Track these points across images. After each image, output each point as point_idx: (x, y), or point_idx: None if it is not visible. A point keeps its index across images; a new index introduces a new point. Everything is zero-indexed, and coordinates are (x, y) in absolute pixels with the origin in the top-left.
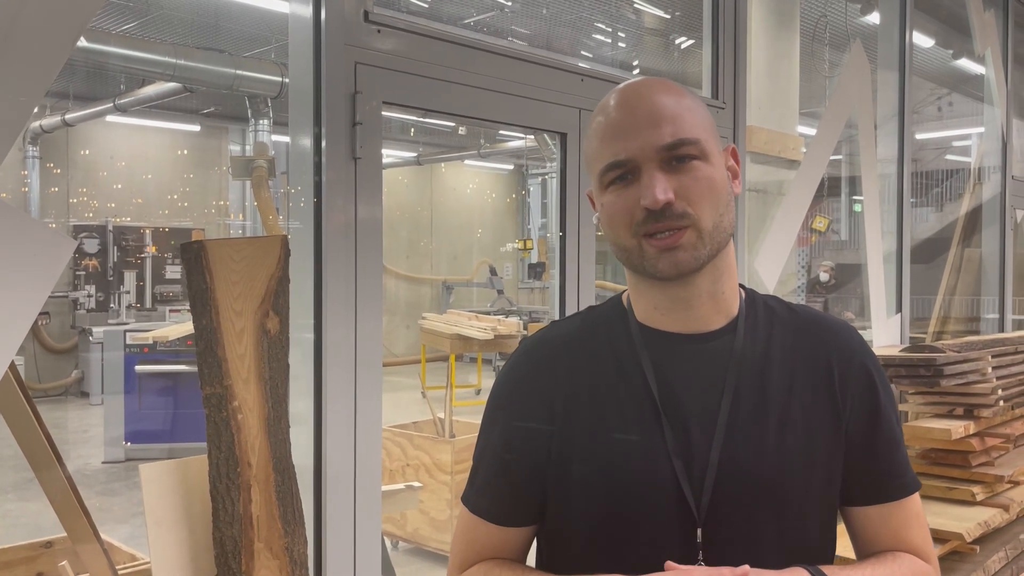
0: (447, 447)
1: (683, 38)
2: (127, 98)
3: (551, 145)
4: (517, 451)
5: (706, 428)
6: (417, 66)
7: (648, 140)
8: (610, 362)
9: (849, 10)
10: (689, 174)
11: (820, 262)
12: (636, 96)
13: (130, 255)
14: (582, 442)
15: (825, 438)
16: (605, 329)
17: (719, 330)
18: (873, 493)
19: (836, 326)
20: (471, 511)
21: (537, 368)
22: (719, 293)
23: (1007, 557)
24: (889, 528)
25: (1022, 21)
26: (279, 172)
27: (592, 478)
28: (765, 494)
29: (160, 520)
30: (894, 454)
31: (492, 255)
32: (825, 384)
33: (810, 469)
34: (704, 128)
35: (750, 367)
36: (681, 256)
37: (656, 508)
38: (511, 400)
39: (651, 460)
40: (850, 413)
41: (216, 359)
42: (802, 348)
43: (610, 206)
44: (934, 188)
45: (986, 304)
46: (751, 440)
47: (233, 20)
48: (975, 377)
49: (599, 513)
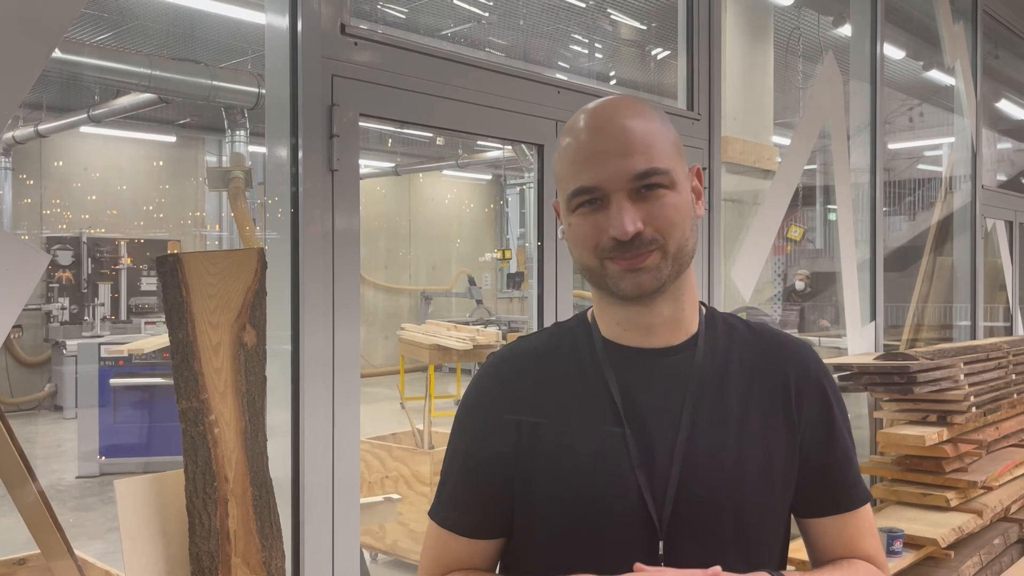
0: (426, 458)
1: (659, 49)
2: (101, 109)
3: (529, 155)
4: (484, 464)
5: (668, 440)
6: (394, 78)
7: (618, 169)
8: (575, 376)
9: (821, 23)
10: (657, 202)
11: (796, 271)
12: (607, 120)
13: (105, 267)
14: (548, 455)
15: (781, 452)
16: (571, 344)
17: (680, 345)
18: (829, 505)
19: (793, 345)
20: (439, 524)
21: (504, 382)
22: (680, 312)
23: (981, 562)
24: (843, 538)
25: (991, 33)
26: (256, 183)
27: (558, 490)
28: (723, 505)
29: (135, 535)
30: (847, 468)
31: (471, 265)
32: (782, 400)
33: (766, 481)
34: (672, 156)
35: (710, 381)
36: (644, 278)
37: (620, 519)
38: (478, 414)
39: (616, 472)
40: (805, 428)
41: (192, 373)
42: (760, 365)
43: (577, 228)
44: (906, 197)
45: (958, 312)
46: (710, 452)
47: (209, 31)
48: (948, 384)
49: (565, 524)
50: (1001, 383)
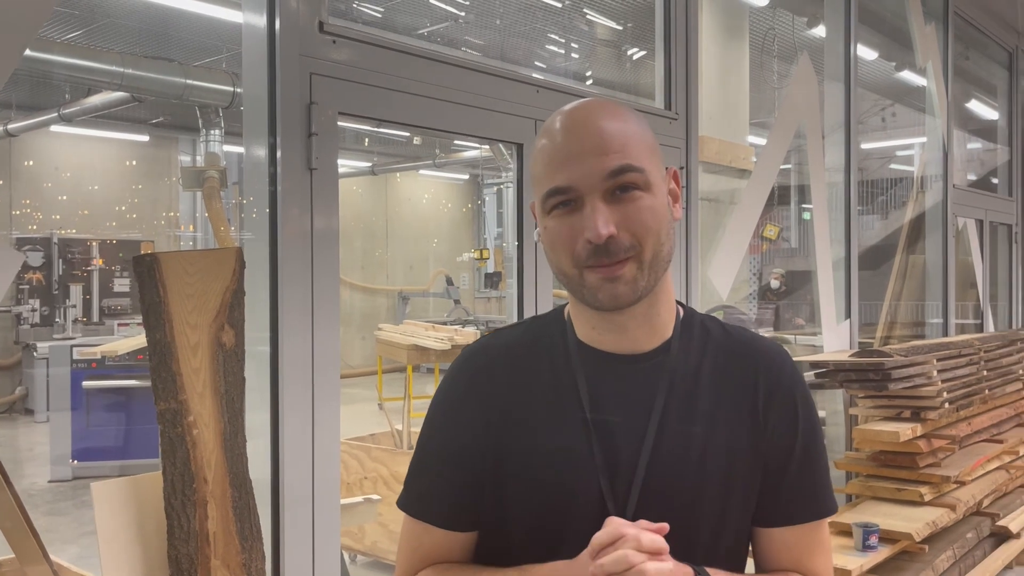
0: (405, 459)
1: (635, 49)
2: (72, 108)
3: (506, 155)
4: (456, 456)
5: (633, 446)
6: (373, 76)
7: (592, 168)
8: (547, 375)
9: (796, 23)
10: (632, 204)
11: (771, 270)
12: (582, 121)
13: (76, 268)
14: (515, 453)
15: (745, 457)
16: (546, 342)
17: (653, 351)
18: (780, 515)
19: (769, 351)
20: (413, 516)
21: (477, 375)
22: (655, 316)
23: (955, 556)
24: (791, 552)
25: (962, 34)
26: (231, 183)
27: (523, 488)
28: (684, 513)
29: (112, 539)
30: (807, 478)
31: (448, 265)
32: (749, 407)
33: (728, 491)
34: (648, 156)
35: (679, 388)
36: (621, 289)
37: (581, 522)
38: (451, 406)
39: (578, 476)
40: (771, 435)
41: (170, 373)
42: (732, 371)
43: (552, 231)
44: (879, 196)
45: (930, 309)
46: (674, 460)
47: (182, 29)
48: (921, 380)
49: (530, 522)
50: (973, 379)
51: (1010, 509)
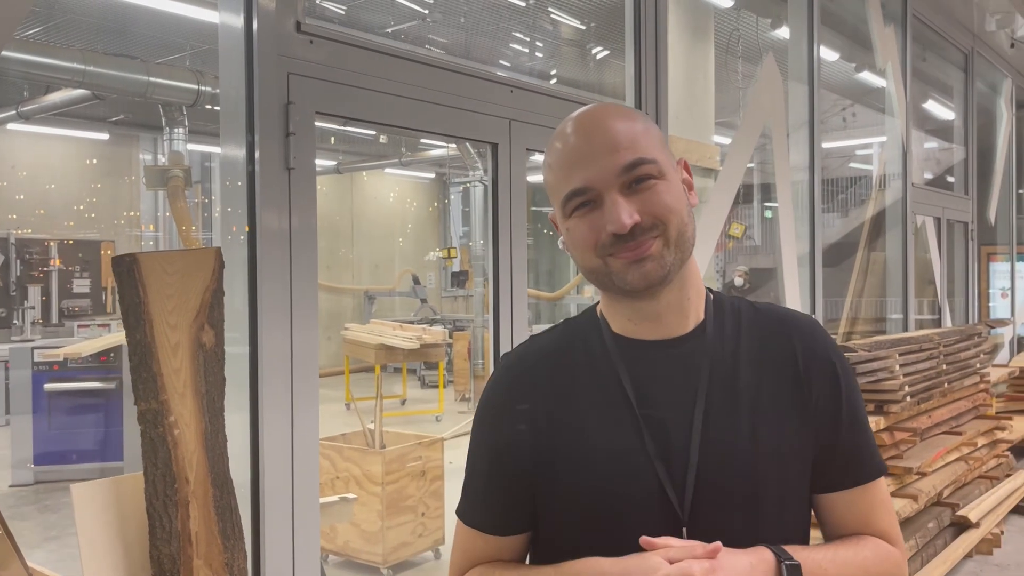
0: (377, 458)
1: (599, 48)
2: (31, 105)
3: (473, 154)
4: (505, 465)
5: (683, 429)
6: (350, 76)
7: (606, 166)
8: (588, 372)
9: (760, 25)
10: (650, 192)
11: (735, 267)
12: (591, 123)
13: (34, 269)
14: (566, 452)
15: (795, 430)
16: (582, 341)
17: (689, 334)
18: (838, 480)
19: (801, 322)
20: (466, 524)
21: (519, 382)
22: (685, 300)
23: (917, 545)
24: (855, 513)
25: (919, 36)
26: (193, 182)
27: (578, 485)
28: (742, 488)
29: (94, 541)
30: (858, 442)
31: (415, 264)
32: (792, 378)
33: (782, 460)
34: (659, 148)
35: (720, 368)
36: (649, 267)
37: (642, 510)
38: (496, 414)
39: (634, 465)
40: (816, 404)
41: (151, 374)
42: (769, 345)
43: (575, 231)
44: (839, 195)
45: (890, 305)
46: (726, 437)
47: (143, 26)
48: (884, 375)
49: (587, 518)
50: (933, 373)
51: (969, 499)
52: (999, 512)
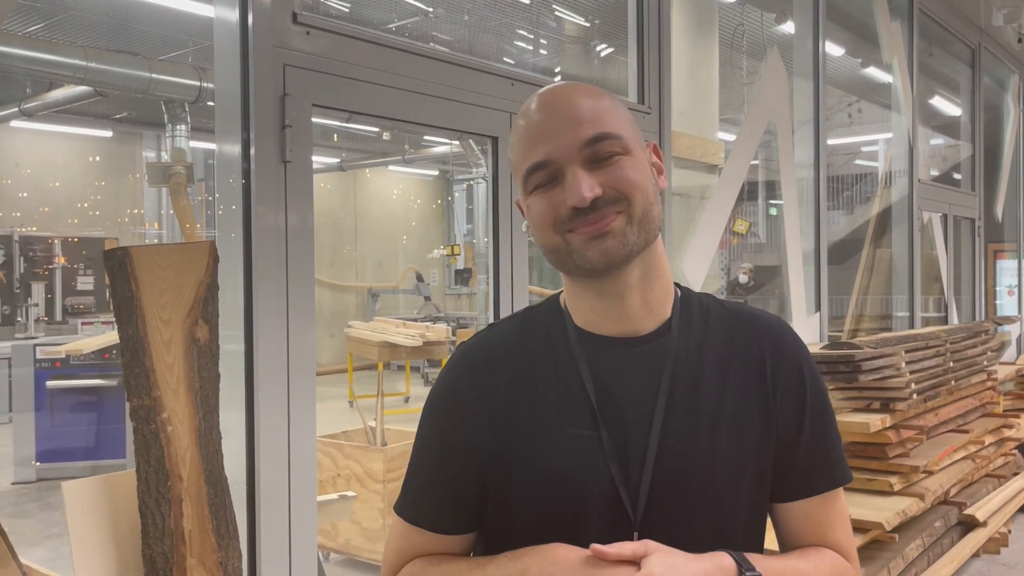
0: (379, 456)
1: (603, 45)
2: (33, 102)
3: (476, 151)
4: (456, 456)
5: (642, 431)
6: (347, 68)
7: (568, 139)
8: (548, 366)
9: (765, 20)
10: (614, 166)
11: (739, 264)
12: (554, 97)
13: (38, 266)
14: (521, 447)
15: (756, 437)
16: (544, 332)
17: (653, 332)
18: (797, 488)
19: (771, 324)
20: (408, 520)
21: (476, 372)
22: (650, 290)
23: (924, 544)
24: (812, 523)
25: (926, 31)
26: (197, 179)
27: (531, 482)
28: (698, 494)
29: (85, 539)
30: (821, 449)
31: (418, 262)
32: (757, 382)
33: (741, 468)
34: (625, 125)
35: (684, 369)
36: (610, 243)
37: (594, 512)
38: (450, 404)
39: (589, 465)
40: (780, 409)
41: (143, 369)
42: (736, 347)
43: (535, 209)
44: (844, 192)
45: (897, 302)
46: (685, 442)
47: (146, 22)
48: (890, 372)
49: (538, 517)
50: (939, 370)
51: (976, 498)
52: (1006, 511)
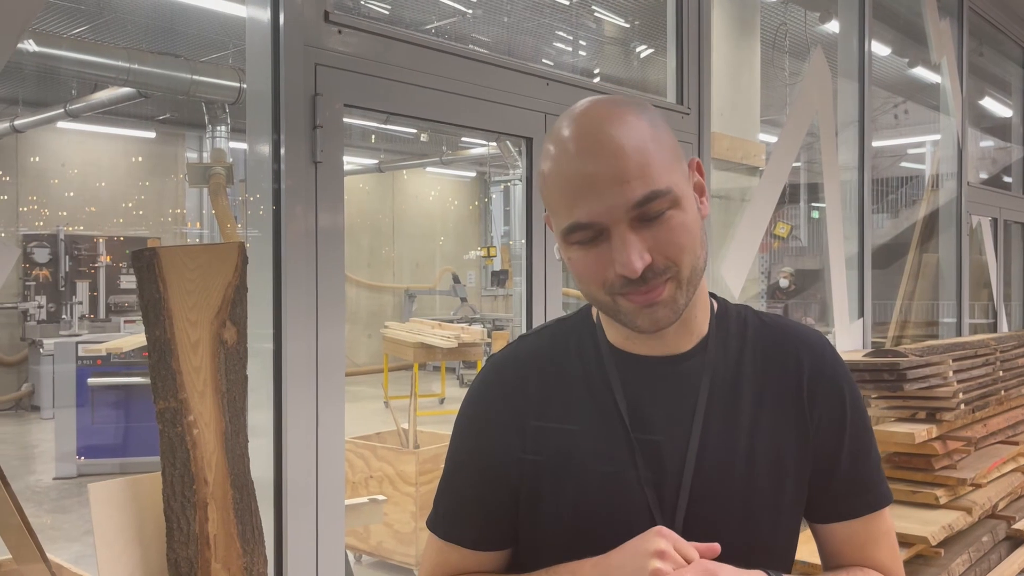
0: (411, 458)
1: (643, 46)
2: (79, 104)
3: (514, 152)
4: (488, 475)
5: (677, 453)
6: (379, 68)
7: (615, 201)
8: (580, 382)
9: (808, 19)
10: (663, 226)
11: (780, 268)
12: (594, 137)
13: (83, 265)
14: (553, 466)
15: (793, 456)
16: (576, 346)
17: (690, 351)
18: (837, 510)
19: (809, 338)
20: (441, 537)
21: (507, 386)
22: (690, 320)
23: (970, 560)
24: (854, 545)
25: (976, 30)
26: (237, 179)
27: (564, 506)
28: (735, 516)
29: (110, 542)
30: (860, 470)
31: (455, 263)
32: (794, 398)
33: (779, 489)
34: (672, 166)
35: (720, 387)
36: (661, 313)
37: (626, 537)
38: (480, 422)
39: (624, 490)
40: (818, 427)
41: (170, 371)
42: (773, 362)
43: (579, 263)
44: (889, 195)
45: (944, 309)
46: (720, 464)
47: (189, 24)
48: (937, 381)
49: (570, 536)
50: (989, 380)
51: None
52: None
